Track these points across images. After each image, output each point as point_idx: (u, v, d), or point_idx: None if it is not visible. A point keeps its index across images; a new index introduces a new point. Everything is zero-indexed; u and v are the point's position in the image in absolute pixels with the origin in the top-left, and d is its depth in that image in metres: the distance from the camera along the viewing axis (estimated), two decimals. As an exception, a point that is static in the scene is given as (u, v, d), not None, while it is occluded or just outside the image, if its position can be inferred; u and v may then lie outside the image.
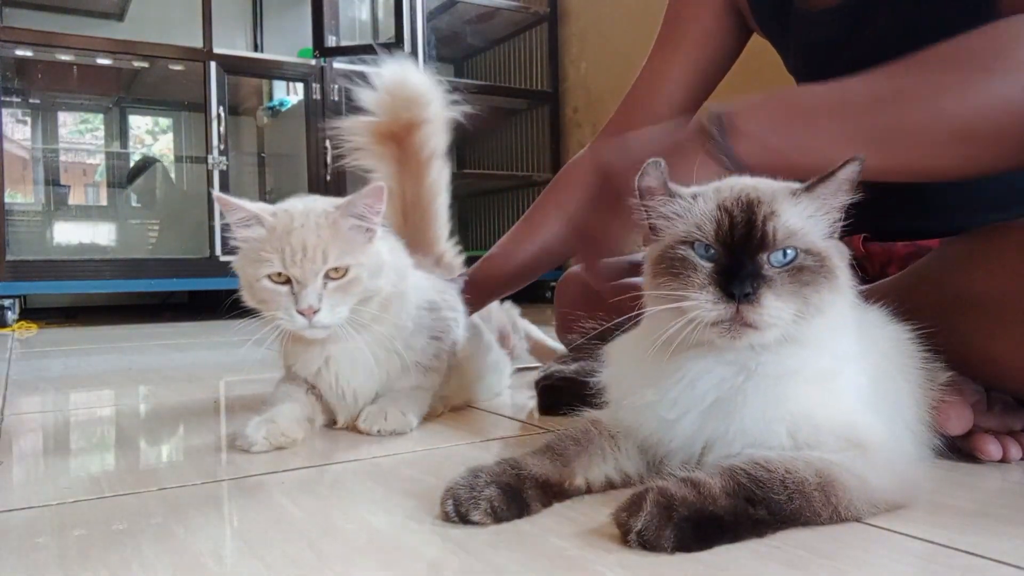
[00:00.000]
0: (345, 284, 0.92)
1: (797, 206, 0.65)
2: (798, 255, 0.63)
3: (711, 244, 0.63)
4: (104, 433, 1.13)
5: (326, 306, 0.91)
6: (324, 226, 0.92)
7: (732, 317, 0.61)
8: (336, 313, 0.92)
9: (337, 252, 0.91)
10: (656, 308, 0.65)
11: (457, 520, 0.62)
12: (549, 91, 4.12)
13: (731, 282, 0.61)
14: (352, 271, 0.92)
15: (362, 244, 0.95)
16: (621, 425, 0.72)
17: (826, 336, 0.65)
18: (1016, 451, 0.81)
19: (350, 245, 0.93)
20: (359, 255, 0.93)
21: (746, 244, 0.62)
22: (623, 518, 0.57)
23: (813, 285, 0.62)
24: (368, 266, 0.94)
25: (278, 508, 0.71)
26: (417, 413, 1.03)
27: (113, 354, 2.18)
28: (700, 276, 0.62)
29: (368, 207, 0.94)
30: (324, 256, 0.91)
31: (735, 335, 0.62)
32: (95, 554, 0.59)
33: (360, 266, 0.93)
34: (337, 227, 0.93)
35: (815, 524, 0.59)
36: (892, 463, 0.64)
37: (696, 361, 0.65)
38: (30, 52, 3.29)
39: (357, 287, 0.93)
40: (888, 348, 0.73)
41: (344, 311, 0.93)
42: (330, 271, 0.92)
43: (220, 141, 3.33)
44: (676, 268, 0.64)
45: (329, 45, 3.55)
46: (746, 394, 0.64)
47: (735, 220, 0.63)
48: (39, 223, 3.69)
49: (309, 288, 0.90)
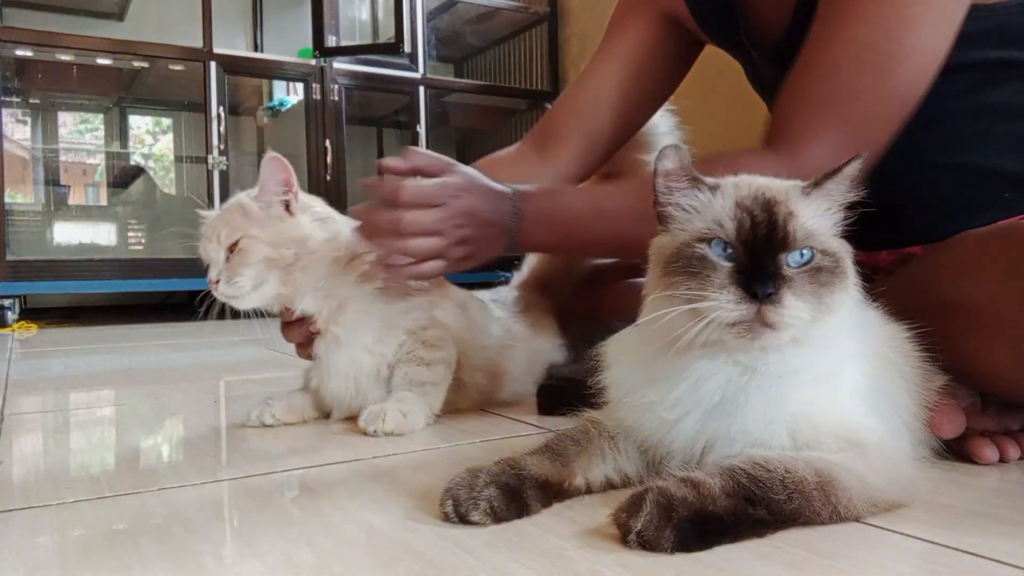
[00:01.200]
0: (237, 255, 1.01)
1: (809, 206, 0.65)
2: (814, 255, 0.62)
3: (731, 243, 0.63)
4: (104, 433, 1.13)
5: (223, 277, 1.01)
6: (230, 214, 1.03)
7: (753, 318, 0.60)
8: (234, 284, 1.01)
9: (228, 231, 1.02)
10: (674, 309, 0.62)
11: (456, 520, 0.62)
12: (549, 91, 4.12)
13: (754, 282, 0.60)
14: (241, 243, 1.01)
15: (272, 218, 1.03)
16: (621, 425, 0.72)
17: (831, 336, 0.65)
18: (1015, 451, 0.81)
19: (251, 223, 1.02)
20: (253, 228, 1.02)
21: (767, 244, 0.62)
22: (623, 518, 0.57)
23: (829, 286, 0.62)
24: (265, 237, 1.01)
25: (278, 508, 0.71)
26: (423, 414, 1.02)
27: (113, 354, 2.18)
28: (720, 276, 0.61)
29: (271, 181, 1.03)
30: (218, 239, 1.02)
31: (755, 336, 0.61)
32: (95, 554, 0.59)
33: (249, 238, 1.01)
34: (245, 209, 1.03)
35: (815, 524, 0.59)
36: (891, 462, 0.64)
37: (703, 361, 0.65)
38: (30, 52, 3.29)
39: (250, 256, 1.01)
40: (886, 347, 0.73)
41: (245, 281, 1.01)
42: (231, 246, 1.02)
43: (220, 141, 3.33)
44: (694, 267, 0.62)
45: (329, 45, 3.55)
46: (748, 393, 0.64)
47: (757, 219, 0.63)
48: (39, 223, 3.69)
49: (213, 264, 1.03)
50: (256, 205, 1.03)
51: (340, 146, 3.62)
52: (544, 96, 4.12)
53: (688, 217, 0.66)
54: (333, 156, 3.58)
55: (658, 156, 0.67)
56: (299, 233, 1.03)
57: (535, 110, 4.19)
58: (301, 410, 1.09)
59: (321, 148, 3.57)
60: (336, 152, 3.60)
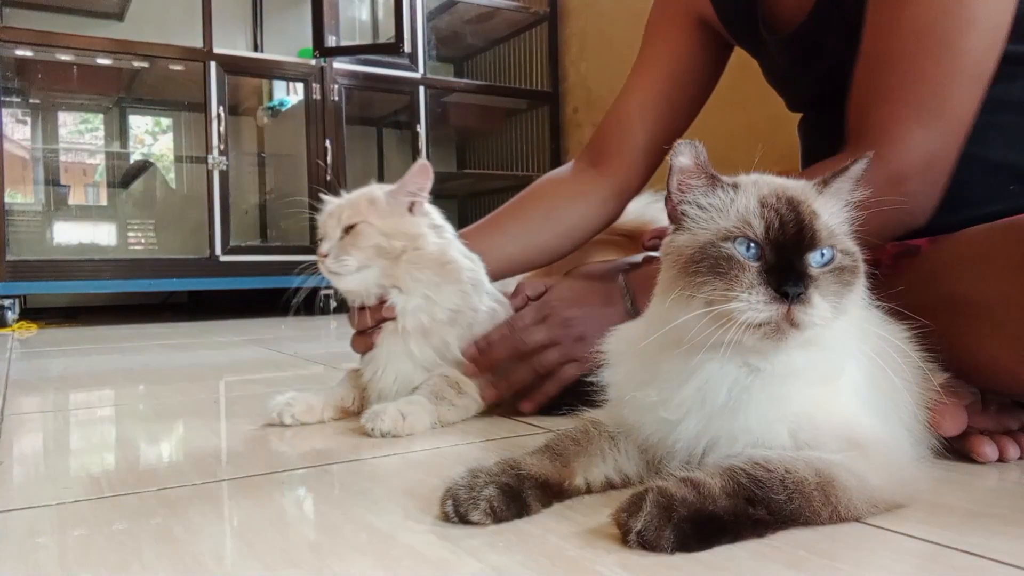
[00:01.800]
0: (351, 236, 1.07)
1: (825, 204, 0.65)
2: (835, 255, 0.62)
3: (759, 242, 0.61)
4: (104, 433, 1.13)
5: (333, 253, 1.07)
6: (357, 200, 1.10)
7: (782, 318, 0.59)
8: (342, 261, 1.06)
9: (350, 212, 1.08)
10: (706, 310, 0.61)
11: (456, 520, 0.62)
12: (549, 91, 4.12)
13: (785, 282, 0.59)
14: (359, 227, 1.06)
15: (395, 213, 1.09)
16: (622, 424, 0.71)
17: (838, 336, 0.64)
18: (1014, 451, 0.81)
19: (373, 212, 1.08)
20: (373, 216, 1.07)
21: (796, 244, 0.61)
22: (623, 518, 0.57)
23: (849, 286, 0.62)
24: (381, 226, 1.07)
25: (278, 508, 0.71)
26: (425, 419, 1.01)
27: (113, 354, 2.18)
28: (749, 276, 0.60)
29: (411, 182, 1.09)
30: (338, 219, 1.08)
31: (782, 336, 0.60)
32: (95, 554, 0.59)
33: (367, 224, 1.06)
34: (373, 199, 1.09)
35: (815, 524, 0.59)
36: (891, 463, 0.64)
37: (713, 363, 0.64)
38: (30, 52, 3.29)
39: (363, 240, 1.06)
40: (886, 347, 0.73)
41: (352, 261, 1.05)
42: (348, 228, 1.07)
43: (220, 141, 3.34)
44: (722, 267, 0.61)
45: (329, 45, 3.56)
46: (751, 393, 0.63)
47: (785, 218, 0.62)
48: (39, 223, 3.69)
49: (327, 240, 1.09)
50: (384, 198, 1.09)
51: (340, 146, 3.62)
52: (544, 96, 4.12)
53: (708, 215, 0.65)
54: (333, 156, 3.58)
55: (673, 152, 0.66)
56: (414, 231, 1.09)
57: (535, 110, 4.19)
58: (320, 410, 1.09)
59: (321, 148, 3.57)
60: (336, 152, 3.60)
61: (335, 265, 1.06)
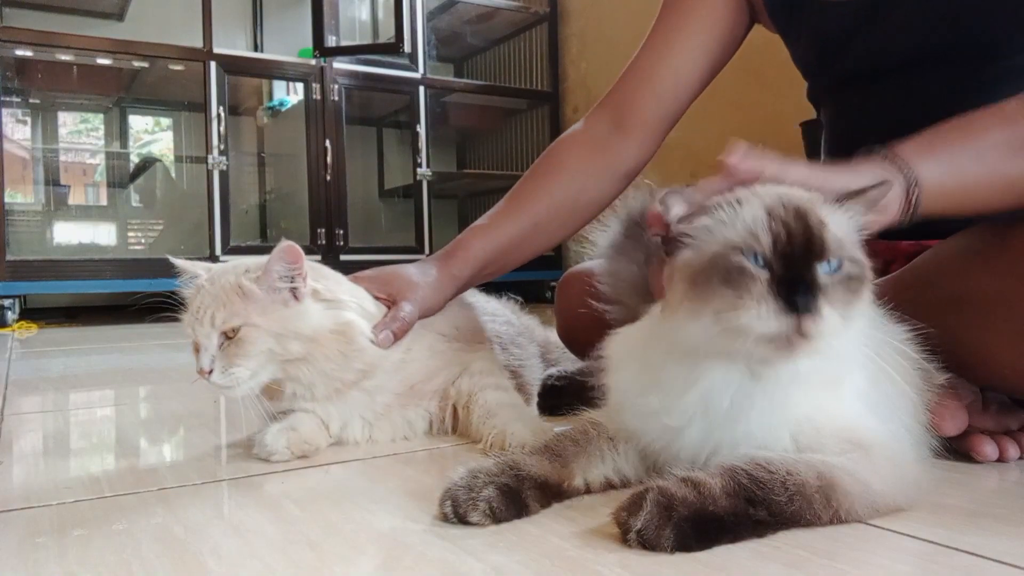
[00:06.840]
0: (235, 345, 0.88)
1: (834, 215, 0.64)
2: (843, 264, 0.61)
3: (767, 254, 0.60)
4: (104, 433, 1.13)
5: (217, 367, 0.88)
6: (225, 295, 0.90)
7: (792, 330, 0.58)
8: (230, 375, 0.88)
9: (225, 314, 0.88)
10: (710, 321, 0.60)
11: (456, 521, 0.62)
12: (549, 91, 4.12)
13: (794, 294, 0.58)
14: (242, 332, 0.88)
15: (277, 304, 0.90)
16: (623, 430, 0.71)
17: (845, 342, 0.64)
18: (1014, 451, 0.81)
19: (253, 308, 0.89)
20: (254, 315, 0.89)
21: (805, 254, 0.60)
22: (623, 518, 0.57)
23: (857, 294, 0.62)
24: (269, 326, 0.89)
25: (278, 508, 0.71)
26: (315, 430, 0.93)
27: (113, 354, 2.18)
28: (759, 287, 0.59)
29: (279, 268, 0.90)
30: (211, 322, 0.89)
31: (792, 348, 0.59)
32: (95, 554, 0.59)
33: (251, 327, 0.88)
34: (245, 292, 0.90)
35: (816, 526, 0.59)
36: (893, 466, 0.64)
37: (718, 371, 0.64)
38: (30, 52, 3.29)
39: (251, 348, 0.88)
40: (887, 348, 0.73)
41: (243, 372, 0.88)
42: (227, 331, 0.89)
43: (220, 141, 3.33)
44: (732, 278, 0.60)
45: (329, 45, 3.55)
46: (754, 399, 0.63)
47: (792, 230, 0.61)
48: (39, 223, 3.69)
49: (203, 352, 0.89)
50: (257, 288, 0.90)
51: (340, 146, 3.62)
52: (544, 96, 4.12)
53: (712, 233, 0.63)
54: (333, 156, 3.58)
55: (662, 206, 0.64)
56: (309, 331, 0.91)
57: (535, 110, 4.19)
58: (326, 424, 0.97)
59: (321, 148, 3.56)
60: (336, 152, 3.59)
61: (223, 379, 0.88)
